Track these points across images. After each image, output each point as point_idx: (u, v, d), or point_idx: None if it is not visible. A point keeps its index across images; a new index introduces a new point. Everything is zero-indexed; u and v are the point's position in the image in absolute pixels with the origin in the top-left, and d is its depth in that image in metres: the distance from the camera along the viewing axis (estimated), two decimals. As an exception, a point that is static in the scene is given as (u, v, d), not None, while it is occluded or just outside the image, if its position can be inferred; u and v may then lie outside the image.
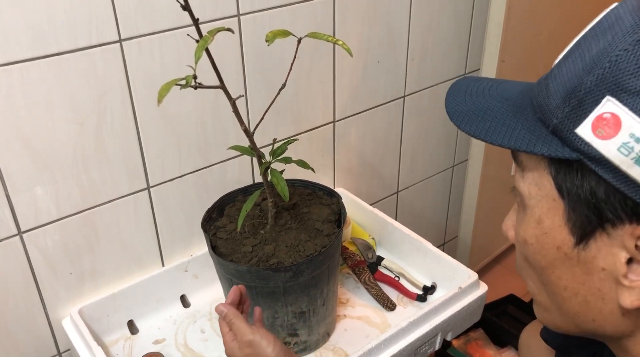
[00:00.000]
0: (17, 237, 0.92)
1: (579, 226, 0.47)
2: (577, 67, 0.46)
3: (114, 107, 0.93)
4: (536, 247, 0.51)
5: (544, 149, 0.46)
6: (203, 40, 0.69)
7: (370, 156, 1.37)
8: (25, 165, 0.88)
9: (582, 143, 0.44)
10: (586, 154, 0.44)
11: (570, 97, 0.45)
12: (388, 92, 1.32)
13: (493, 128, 0.50)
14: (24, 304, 0.97)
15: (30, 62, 0.83)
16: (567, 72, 0.46)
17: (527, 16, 1.44)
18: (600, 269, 0.47)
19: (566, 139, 0.45)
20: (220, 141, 1.07)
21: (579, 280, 0.49)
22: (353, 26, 1.17)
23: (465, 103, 0.54)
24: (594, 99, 0.43)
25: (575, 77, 0.45)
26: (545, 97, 0.48)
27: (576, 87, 0.44)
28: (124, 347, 1.02)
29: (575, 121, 0.44)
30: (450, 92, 0.57)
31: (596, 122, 0.43)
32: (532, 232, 0.51)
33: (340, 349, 1.00)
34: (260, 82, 1.08)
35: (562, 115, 0.45)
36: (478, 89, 0.56)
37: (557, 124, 0.46)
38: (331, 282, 0.95)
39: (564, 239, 0.48)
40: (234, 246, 0.92)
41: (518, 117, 0.50)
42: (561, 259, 0.49)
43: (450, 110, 0.55)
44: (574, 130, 0.44)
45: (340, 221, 0.96)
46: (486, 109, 0.52)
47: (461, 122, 0.53)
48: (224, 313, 0.78)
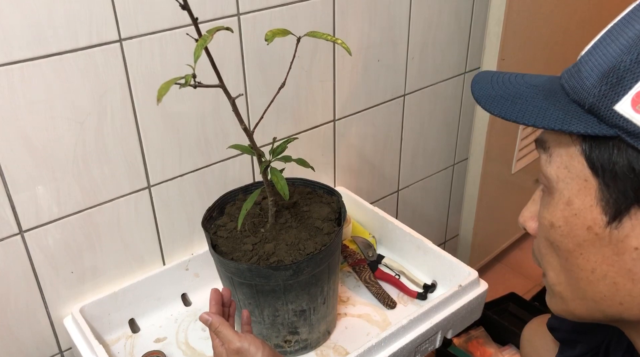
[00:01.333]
0: (19, 236, 0.92)
1: (613, 203, 0.47)
2: (612, 50, 0.46)
3: (114, 107, 0.93)
4: (564, 229, 0.51)
5: (579, 127, 0.46)
6: (202, 39, 0.70)
7: (370, 155, 1.37)
8: (26, 164, 0.88)
9: (621, 119, 0.44)
10: (625, 130, 0.44)
11: (608, 76, 0.45)
12: (388, 91, 1.32)
13: (525, 110, 0.50)
14: (25, 303, 0.97)
15: (30, 62, 0.83)
16: (601, 55, 0.47)
17: (528, 14, 1.44)
18: (632, 249, 0.47)
19: (603, 116, 0.45)
20: (220, 140, 1.07)
21: (608, 261, 0.49)
22: (353, 25, 1.17)
23: (493, 89, 0.54)
24: (634, 76, 0.44)
25: (612, 58, 0.45)
26: (578, 79, 0.48)
27: (615, 66, 0.45)
28: (125, 346, 1.02)
29: (614, 98, 0.45)
30: (475, 82, 0.57)
31: (636, 98, 0.43)
32: (561, 215, 0.51)
33: (340, 347, 1.01)
34: (260, 81, 1.08)
35: (598, 94, 0.46)
36: (503, 78, 0.56)
37: (594, 102, 0.46)
38: (331, 281, 0.95)
39: (595, 219, 0.48)
40: (235, 244, 0.92)
41: (550, 99, 0.50)
42: (591, 240, 0.49)
43: (478, 95, 0.54)
44: (612, 107, 0.45)
45: (340, 220, 0.96)
46: (515, 93, 0.52)
47: (491, 106, 0.53)
48: (209, 322, 0.76)
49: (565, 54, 1.65)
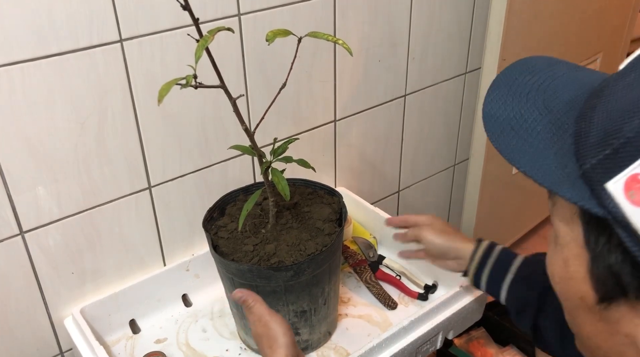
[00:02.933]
0: (19, 237, 0.92)
1: (601, 286, 0.42)
2: (626, 98, 0.38)
3: (115, 107, 0.93)
4: (561, 288, 0.47)
5: (568, 194, 0.40)
6: (203, 39, 0.69)
7: (371, 155, 1.37)
8: (26, 165, 0.88)
9: (610, 202, 0.37)
10: (614, 216, 0.37)
11: (607, 141, 0.37)
12: (389, 91, 1.32)
13: (523, 150, 0.44)
14: (26, 304, 0.97)
15: (31, 62, 0.83)
16: (616, 100, 0.39)
17: (529, 14, 1.44)
18: (623, 334, 0.42)
19: (595, 191, 0.38)
20: (221, 141, 1.07)
21: (602, 336, 0.45)
22: (354, 25, 1.17)
23: (504, 106, 0.47)
24: (631, 153, 0.36)
25: (618, 117, 0.38)
26: (587, 126, 0.40)
27: (615, 131, 0.37)
28: (125, 347, 1.02)
29: (608, 173, 0.37)
30: (494, 86, 0.50)
31: (630, 182, 0.36)
32: (558, 272, 0.46)
33: (341, 348, 1.00)
34: (260, 81, 1.08)
35: (595, 161, 0.38)
36: (525, 85, 0.48)
37: (589, 170, 0.39)
38: (332, 281, 0.95)
39: (587, 292, 0.43)
40: (235, 245, 0.92)
41: (554, 141, 0.43)
42: (584, 310, 0.45)
43: (486, 113, 0.48)
44: (604, 183, 0.37)
45: (341, 220, 0.96)
46: (523, 121, 0.45)
47: (492, 133, 0.47)
48: (243, 299, 0.78)
49: (566, 55, 1.65)
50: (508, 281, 0.88)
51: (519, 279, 0.87)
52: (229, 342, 1.02)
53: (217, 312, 1.08)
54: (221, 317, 1.07)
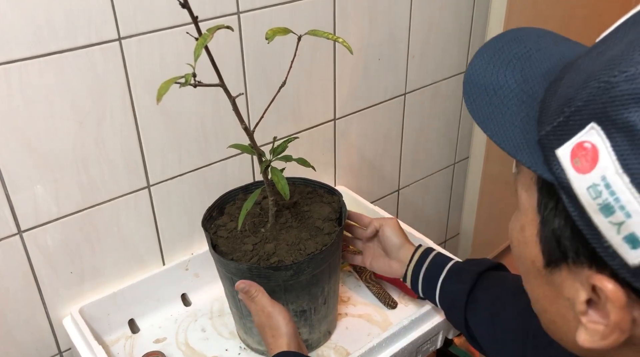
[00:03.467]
0: (17, 236, 0.92)
1: (547, 251, 0.44)
2: (587, 69, 0.39)
3: (113, 106, 0.92)
4: (517, 252, 0.49)
5: (525, 159, 0.42)
6: (202, 38, 0.69)
7: (371, 154, 1.37)
8: (24, 164, 0.88)
9: (558, 167, 0.39)
10: (560, 181, 0.39)
11: (562, 108, 0.39)
12: (389, 90, 1.32)
13: (493, 116, 0.46)
14: (24, 304, 0.97)
15: (29, 61, 0.82)
16: (580, 71, 0.40)
17: (528, 13, 1.44)
18: (565, 297, 0.44)
19: (547, 157, 0.40)
20: (220, 139, 1.07)
21: (548, 299, 0.47)
22: (353, 23, 1.17)
23: (484, 72, 0.49)
24: (580, 122, 0.37)
25: (574, 86, 0.39)
26: (551, 95, 0.42)
27: (569, 100, 0.39)
28: (124, 346, 1.02)
29: (559, 139, 0.39)
30: (479, 53, 0.51)
31: (576, 149, 0.37)
32: (516, 236, 0.48)
33: (341, 348, 1.00)
34: (260, 80, 1.07)
35: (550, 128, 0.40)
36: (509, 54, 0.49)
37: (544, 137, 0.41)
38: (332, 281, 0.95)
39: (537, 255, 0.45)
40: (235, 244, 0.91)
41: (522, 108, 0.45)
42: (534, 274, 0.47)
43: (466, 79, 0.50)
44: (555, 149, 0.39)
45: (341, 219, 0.95)
46: (499, 88, 0.47)
47: (469, 97, 0.48)
48: (246, 289, 0.79)
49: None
50: (441, 279, 0.91)
51: (450, 275, 0.90)
52: (228, 342, 1.02)
53: (216, 312, 1.08)
54: (220, 316, 1.07)
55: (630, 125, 0.34)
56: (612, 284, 0.38)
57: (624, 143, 0.35)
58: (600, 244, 0.37)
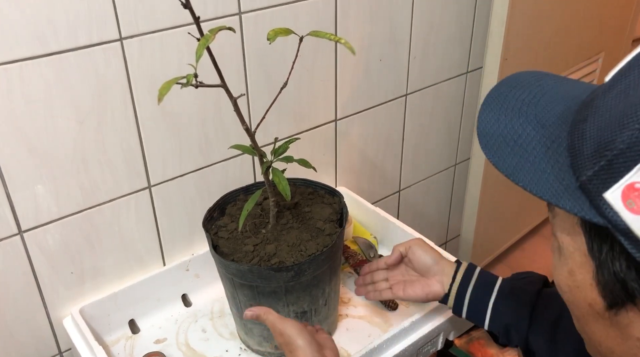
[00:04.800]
0: (18, 236, 0.92)
1: (608, 293, 0.42)
2: (616, 109, 0.39)
3: (114, 106, 0.92)
4: (569, 297, 0.48)
5: (569, 205, 0.41)
6: (204, 38, 0.69)
7: (372, 155, 1.37)
8: (25, 164, 0.88)
9: (610, 211, 0.38)
10: (614, 224, 0.38)
11: (601, 152, 0.39)
12: (390, 91, 1.31)
13: (520, 166, 0.45)
14: (24, 304, 0.97)
15: (30, 61, 0.82)
16: (606, 111, 0.40)
17: (531, 14, 1.44)
18: (635, 338, 0.43)
19: (594, 201, 0.39)
20: (221, 140, 1.07)
21: (614, 341, 0.45)
22: (355, 24, 1.17)
23: (498, 123, 0.48)
24: (626, 164, 0.37)
25: (609, 128, 0.39)
26: (580, 139, 0.42)
27: (608, 143, 0.38)
28: (125, 347, 1.02)
29: (605, 183, 0.38)
30: (486, 104, 0.50)
31: (627, 190, 0.37)
32: (565, 282, 0.47)
33: (342, 349, 1.00)
34: (261, 80, 1.07)
35: (591, 172, 0.39)
36: (517, 101, 0.49)
37: (586, 182, 0.40)
38: (333, 282, 0.95)
39: (595, 299, 0.44)
40: (236, 245, 0.91)
41: (550, 155, 0.44)
42: (594, 316, 0.45)
43: (480, 131, 0.49)
44: (602, 193, 0.38)
45: (342, 220, 0.95)
46: (518, 136, 0.46)
47: (489, 150, 0.48)
48: (255, 315, 0.78)
49: (567, 55, 1.64)
50: (492, 301, 0.85)
51: (502, 296, 0.85)
52: (228, 343, 1.02)
53: (217, 313, 1.08)
54: (221, 317, 1.07)
55: None
56: None
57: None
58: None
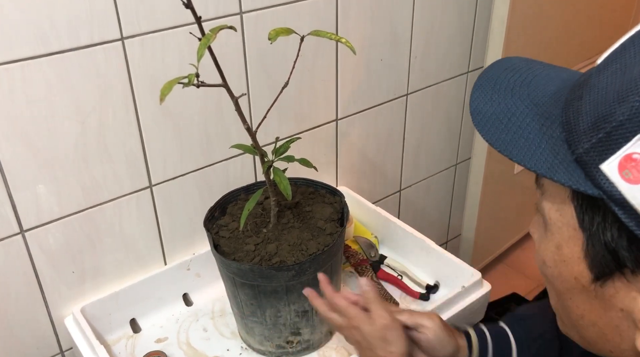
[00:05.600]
0: (19, 235, 0.92)
1: (597, 264, 0.43)
2: (613, 85, 0.40)
3: (115, 105, 0.92)
4: (554, 272, 0.48)
5: (564, 178, 0.42)
6: (205, 38, 0.69)
7: (372, 154, 1.37)
8: (27, 163, 0.88)
9: (606, 181, 0.39)
10: (609, 195, 0.39)
11: (599, 125, 0.40)
12: (391, 90, 1.32)
13: (515, 141, 0.46)
14: (26, 303, 0.97)
15: (32, 61, 0.82)
16: (603, 88, 0.41)
17: (531, 13, 1.44)
18: (618, 309, 0.44)
19: (589, 173, 0.40)
20: (222, 139, 1.07)
21: (596, 313, 0.46)
22: (356, 24, 1.17)
23: (491, 102, 0.49)
24: (624, 135, 0.38)
25: (608, 102, 0.40)
26: (575, 114, 0.43)
27: (607, 116, 0.39)
28: (126, 346, 1.02)
29: (602, 155, 0.39)
30: (478, 85, 0.51)
31: (624, 161, 0.38)
32: (551, 257, 0.48)
33: (343, 348, 1.00)
34: (262, 80, 1.07)
35: (588, 145, 0.40)
36: (509, 82, 0.50)
37: (582, 154, 0.41)
38: (334, 281, 0.95)
39: (582, 272, 0.45)
40: (237, 244, 0.91)
41: (544, 131, 0.45)
42: (579, 290, 0.46)
43: (473, 109, 0.50)
44: (598, 165, 0.39)
45: (342, 220, 0.95)
46: (511, 114, 0.47)
47: (482, 128, 0.48)
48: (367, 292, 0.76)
49: (569, 53, 1.64)
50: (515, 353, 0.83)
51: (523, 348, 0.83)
52: (229, 342, 1.02)
53: (218, 312, 1.08)
54: (222, 316, 1.07)
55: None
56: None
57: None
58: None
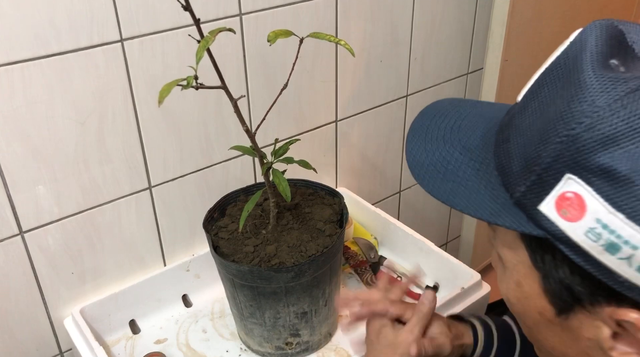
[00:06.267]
0: (19, 236, 0.92)
1: (557, 300, 0.44)
2: (535, 125, 0.41)
3: (115, 107, 0.92)
4: (519, 308, 0.49)
5: (507, 222, 0.43)
6: (204, 40, 0.69)
7: (372, 156, 1.37)
8: (26, 164, 0.88)
9: (547, 222, 0.40)
10: (553, 234, 0.40)
11: (530, 168, 0.40)
12: (390, 92, 1.32)
13: (455, 190, 0.46)
14: (25, 304, 0.97)
15: (31, 62, 0.82)
16: (526, 129, 0.42)
17: (531, 15, 1.44)
18: (586, 339, 0.44)
19: (530, 215, 0.41)
20: (222, 141, 1.07)
21: (567, 344, 0.47)
22: (355, 25, 1.17)
23: (426, 151, 0.50)
24: (554, 176, 0.39)
25: (533, 144, 0.40)
26: (507, 158, 0.44)
27: (534, 159, 0.40)
28: (125, 347, 1.02)
29: (539, 196, 0.40)
30: (411, 135, 0.52)
31: (559, 201, 0.39)
32: (513, 294, 0.48)
33: (342, 350, 1.00)
34: (262, 82, 1.07)
35: (524, 188, 0.41)
36: (439, 129, 0.51)
37: (520, 198, 0.42)
38: (333, 283, 0.95)
39: (544, 307, 0.45)
40: (236, 246, 0.91)
41: (481, 176, 0.46)
42: (545, 324, 0.47)
43: (410, 161, 0.50)
44: (536, 206, 0.40)
45: (342, 221, 0.95)
46: (447, 163, 0.48)
47: (422, 180, 0.49)
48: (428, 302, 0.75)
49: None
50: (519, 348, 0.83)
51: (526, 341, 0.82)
52: (229, 343, 1.02)
53: (217, 313, 1.08)
54: (221, 317, 1.07)
55: (604, 167, 0.36)
56: (636, 314, 0.39)
57: (604, 185, 0.36)
58: (615, 281, 0.38)
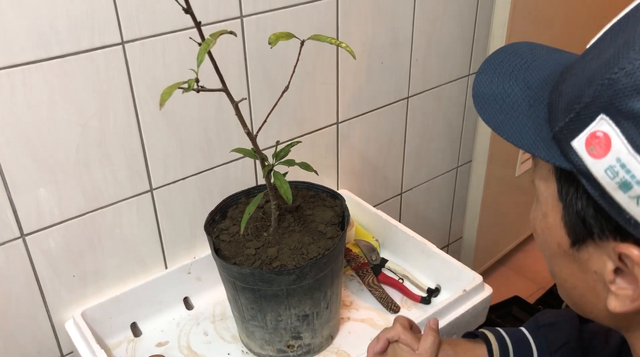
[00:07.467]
0: (20, 239, 0.92)
1: (572, 231, 0.48)
2: (588, 70, 0.45)
3: (116, 109, 0.92)
4: (542, 239, 0.53)
5: (542, 153, 0.47)
6: (205, 43, 0.69)
7: (373, 158, 1.37)
8: (27, 167, 0.88)
9: (575, 157, 0.44)
10: (579, 168, 0.44)
11: (572, 106, 0.45)
12: (392, 93, 1.31)
13: (505, 122, 0.51)
14: (26, 307, 0.97)
15: (32, 65, 0.82)
16: (581, 72, 0.46)
17: (532, 17, 1.44)
18: (593, 272, 0.49)
19: (564, 149, 0.45)
20: (223, 143, 1.07)
21: (576, 276, 0.51)
22: (356, 27, 1.17)
23: (491, 84, 0.55)
24: (590, 115, 0.43)
25: (580, 85, 0.44)
26: (557, 97, 0.48)
27: (577, 98, 0.44)
28: (127, 350, 1.02)
29: (573, 133, 0.44)
30: (482, 68, 0.57)
31: (590, 138, 0.43)
32: (539, 225, 0.53)
33: (344, 352, 1.00)
34: (263, 84, 1.07)
35: (563, 124, 0.45)
36: (509, 66, 0.55)
37: (558, 132, 0.46)
38: (335, 285, 0.95)
39: (562, 238, 0.50)
40: (237, 248, 0.91)
41: (531, 112, 0.50)
42: (561, 255, 0.51)
43: (475, 91, 0.55)
44: (570, 142, 0.44)
45: (343, 223, 0.95)
46: (506, 97, 0.53)
47: (480, 108, 0.54)
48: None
49: (569, 56, 1.64)
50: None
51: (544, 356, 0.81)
52: (230, 346, 1.02)
53: (218, 316, 1.08)
54: (223, 320, 1.07)
55: (635, 112, 0.40)
56: (637, 250, 0.43)
57: (631, 128, 0.40)
58: (623, 217, 0.42)
